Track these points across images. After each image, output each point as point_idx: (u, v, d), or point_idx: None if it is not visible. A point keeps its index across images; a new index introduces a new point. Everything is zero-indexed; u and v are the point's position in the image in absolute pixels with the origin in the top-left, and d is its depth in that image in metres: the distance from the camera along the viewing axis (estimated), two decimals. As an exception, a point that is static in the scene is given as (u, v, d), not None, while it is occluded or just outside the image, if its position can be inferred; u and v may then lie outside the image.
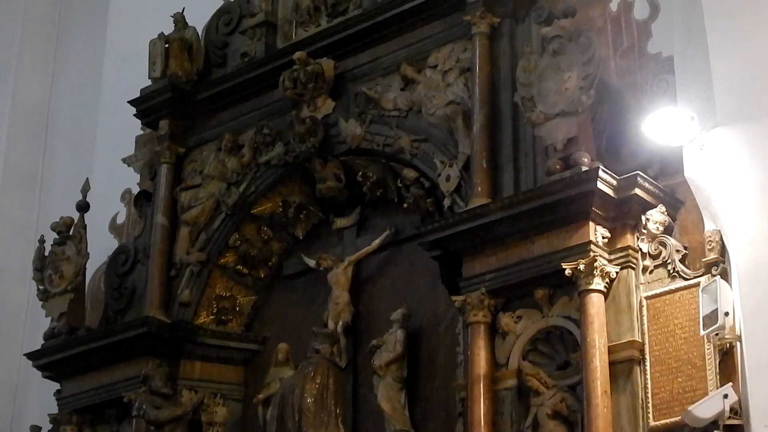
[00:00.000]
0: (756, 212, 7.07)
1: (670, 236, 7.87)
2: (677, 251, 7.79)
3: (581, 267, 7.77)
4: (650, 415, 7.52)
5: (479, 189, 8.56)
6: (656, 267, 7.83)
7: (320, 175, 9.85)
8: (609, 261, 7.86)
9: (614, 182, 7.84)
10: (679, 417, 7.26)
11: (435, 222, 8.62)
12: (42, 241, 10.92)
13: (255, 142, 10.17)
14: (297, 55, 9.86)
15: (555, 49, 8.25)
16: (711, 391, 7.22)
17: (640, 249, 7.90)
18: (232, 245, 10.22)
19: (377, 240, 9.67)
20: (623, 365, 7.67)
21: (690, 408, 7.10)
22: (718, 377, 7.29)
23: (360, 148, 9.60)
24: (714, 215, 7.48)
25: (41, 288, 10.72)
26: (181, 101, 10.65)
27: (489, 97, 8.80)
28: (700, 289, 7.47)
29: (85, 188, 10.96)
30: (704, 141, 7.35)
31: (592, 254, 7.77)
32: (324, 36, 10.01)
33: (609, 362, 7.61)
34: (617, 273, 7.86)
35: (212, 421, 9.88)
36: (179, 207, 10.44)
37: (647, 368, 7.62)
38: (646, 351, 7.65)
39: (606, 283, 7.81)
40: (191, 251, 10.25)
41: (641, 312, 7.75)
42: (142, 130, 11.33)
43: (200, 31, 10.94)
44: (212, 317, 10.18)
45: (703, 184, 7.43)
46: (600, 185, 7.77)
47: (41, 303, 10.75)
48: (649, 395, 7.56)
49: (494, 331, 8.22)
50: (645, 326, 7.70)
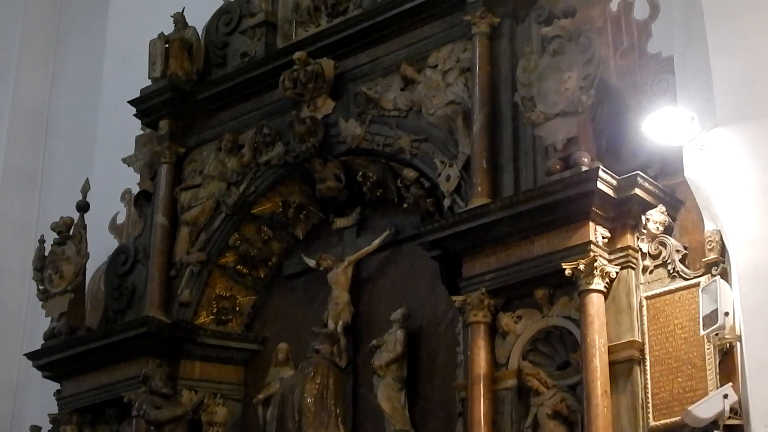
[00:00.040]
0: (756, 212, 7.07)
1: (670, 236, 7.87)
2: (677, 251, 7.78)
3: (581, 267, 7.77)
4: (650, 415, 7.52)
5: (479, 189, 8.55)
6: (656, 267, 7.82)
7: (320, 175, 9.85)
8: (609, 261, 7.86)
9: (614, 182, 7.84)
10: (679, 417, 7.26)
11: (435, 222, 8.61)
12: (42, 241, 10.92)
13: (255, 142, 10.16)
14: (297, 55, 9.86)
15: (555, 49, 8.25)
16: (711, 391, 7.22)
17: (640, 249, 7.90)
18: (232, 245, 10.22)
19: (377, 240, 9.66)
20: (623, 365, 7.66)
21: (690, 408, 7.10)
22: (718, 377, 7.29)
23: (360, 148, 9.60)
24: (714, 215, 7.48)
25: (41, 288, 10.71)
26: (181, 101, 10.64)
27: (489, 97, 8.80)
28: (700, 289, 7.46)
29: (85, 188, 10.96)
30: (704, 141, 7.35)
31: (592, 254, 7.77)
32: (324, 36, 10.00)
33: (609, 362, 7.61)
34: (617, 273, 7.85)
35: (212, 421, 9.88)
36: (179, 207, 10.43)
37: (647, 368, 7.61)
38: (646, 351, 7.65)
39: (606, 283, 7.81)
40: (191, 251, 10.24)
41: (641, 312, 7.75)
42: (142, 130, 11.33)
43: (200, 31, 10.94)
44: (212, 317, 10.18)
45: (703, 184, 7.43)
46: (600, 185, 7.77)
47: (41, 303, 10.74)
48: (649, 395, 7.55)
49: (494, 331, 8.21)
50: (645, 326, 7.70)
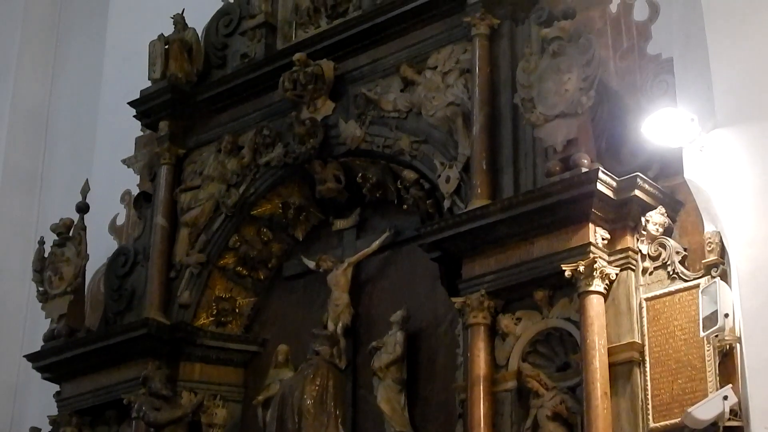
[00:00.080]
0: (756, 213, 7.07)
1: (670, 238, 7.86)
2: (677, 253, 7.78)
3: (581, 268, 7.76)
4: (650, 417, 7.51)
5: (479, 190, 8.55)
6: (656, 268, 7.82)
7: (320, 177, 9.84)
8: (609, 262, 7.85)
9: (614, 184, 7.83)
10: (679, 419, 7.26)
11: (435, 223, 8.60)
12: (42, 243, 10.91)
13: (255, 144, 10.16)
14: (297, 57, 9.86)
15: (555, 51, 8.24)
16: (711, 393, 7.21)
17: (640, 250, 7.89)
18: (232, 247, 10.22)
19: (377, 241, 9.66)
20: (623, 367, 7.65)
21: (690, 410, 7.09)
22: (718, 379, 7.28)
23: (360, 150, 9.59)
24: (714, 216, 7.47)
25: (41, 289, 10.71)
26: (181, 102, 10.64)
27: (489, 99, 8.80)
28: (700, 291, 7.46)
29: (85, 189, 10.95)
30: (704, 142, 7.36)
31: (592, 256, 7.76)
32: (324, 37, 10.00)
33: (609, 364, 7.60)
34: (617, 274, 7.84)
35: (212, 423, 9.89)
36: (179, 208, 10.43)
37: (647, 370, 7.60)
38: (646, 352, 7.64)
39: (606, 285, 7.80)
40: (191, 253, 10.24)
41: (641, 313, 7.74)
42: (142, 132, 11.32)
43: (200, 33, 10.93)
44: (212, 319, 10.18)
45: (703, 186, 7.43)
46: (600, 187, 7.76)
47: (41, 304, 10.74)
48: (649, 397, 7.55)
49: (494, 333, 8.21)
50: (645, 328, 7.69)
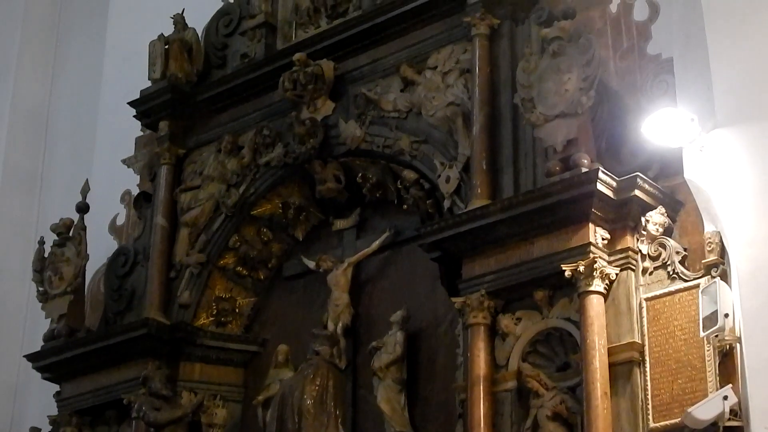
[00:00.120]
0: (756, 213, 7.07)
1: (670, 238, 7.86)
2: (677, 253, 7.77)
3: (581, 268, 7.76)
4: (650, 417, 7.51)
5: (479, 190, 8.55)
6: (656, 268, 7.81)
7: (320, 177, 9.84)
8: (609, 262, 7.85)
9: (614, 184, 7.83)
10: (679, 419, 7.25)
11: (435, 223, 8.60)
12: (42, 243, 10.91)
13: (255, 144, 10.16)
14: (297, 57, 9.85)
15: (555, 51, 8.24)
16: (711, 393, 7.21)
17: (640, 250, 7.89)
18: (232, 247, 10.22)
19: (377, 241, 9.66)
20: (623, 367, 7.65)
21: (690, 410, 7.09)
22: (718, 379, 7.28)
23: (360, 150, 9.59)
24: (714, 216, 7.47)
25: (41, 289, 10.71)
26: (181, 102, 10.64)
27: (489, 99, 8.80)
28: (700, 291, 7.45)
29: (85, 189, 10.95)
30: (704, 142, 7.36)
31: (592, 256, 7.76)
32: (324, 37, 10.00)
33: (609, 364, 7.60)
34: (617, 274, 7.84)
35: (212, 423, 9.89)
36: (179, 208, 10.43)
37: (647, 370, 7.60)
38: (646, 352, 7.64)
39: (606, 285, 7.80)
40: (191, 253, 10.24)
41: (641, 313, 7.74)
42: (142, 132, 11.32)
43: (200, 33, 10.93)
44: (212, 319, 10.17)
45: (703, 186, 7.43)
46: (600, 187, 7.76)
47: (41, 304, 10.74)
48: (649, 397, 7.54)
49: (494, 333, 8.21)
50: (645, 328, 7.69)
